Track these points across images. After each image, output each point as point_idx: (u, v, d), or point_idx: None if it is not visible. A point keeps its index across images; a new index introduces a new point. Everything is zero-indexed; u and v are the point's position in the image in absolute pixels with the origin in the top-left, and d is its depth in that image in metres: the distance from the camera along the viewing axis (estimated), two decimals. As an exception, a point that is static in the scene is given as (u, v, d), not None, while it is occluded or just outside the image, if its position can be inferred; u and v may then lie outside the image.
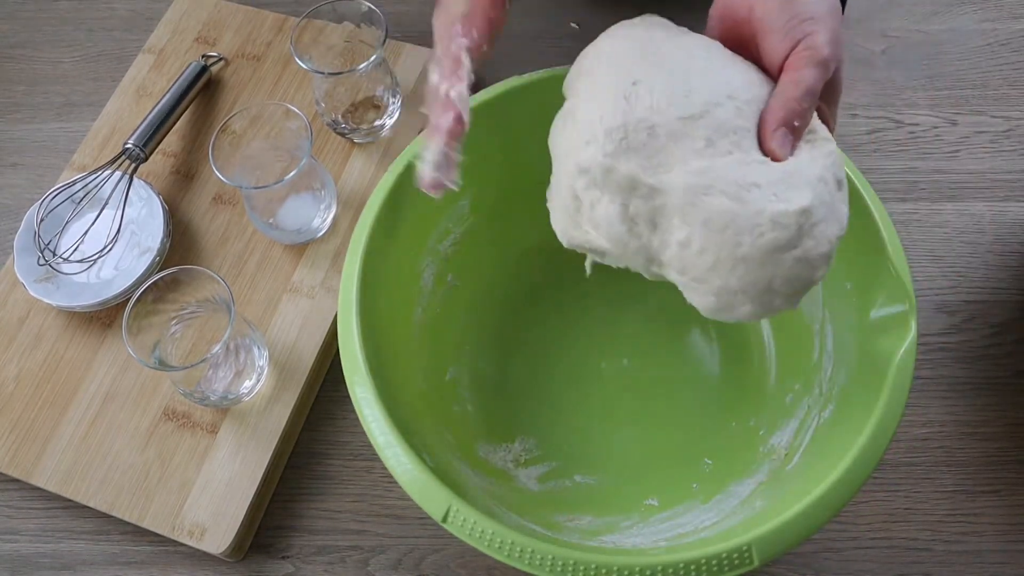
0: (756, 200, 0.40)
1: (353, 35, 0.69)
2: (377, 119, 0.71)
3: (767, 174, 0.41)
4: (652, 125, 0.41)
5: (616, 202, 0.41)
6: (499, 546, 0.43)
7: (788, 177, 0.41)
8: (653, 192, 0.41)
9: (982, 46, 0.79)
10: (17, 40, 0.83)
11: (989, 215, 0.70)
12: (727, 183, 0.40)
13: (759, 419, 0.58)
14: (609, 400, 0.61)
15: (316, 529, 0.60)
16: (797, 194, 0.40)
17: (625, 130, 0.41)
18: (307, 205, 0.66)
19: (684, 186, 0.40)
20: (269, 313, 0.65)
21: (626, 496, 0.57)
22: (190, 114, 0.74)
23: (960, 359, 0.64)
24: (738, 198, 0.40)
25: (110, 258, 0.66)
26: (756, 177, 0.40)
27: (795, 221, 0.40)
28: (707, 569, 0.42)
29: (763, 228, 0.40)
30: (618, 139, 0.41)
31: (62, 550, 0.60)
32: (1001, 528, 0.58)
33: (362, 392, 0.48)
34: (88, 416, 0.61)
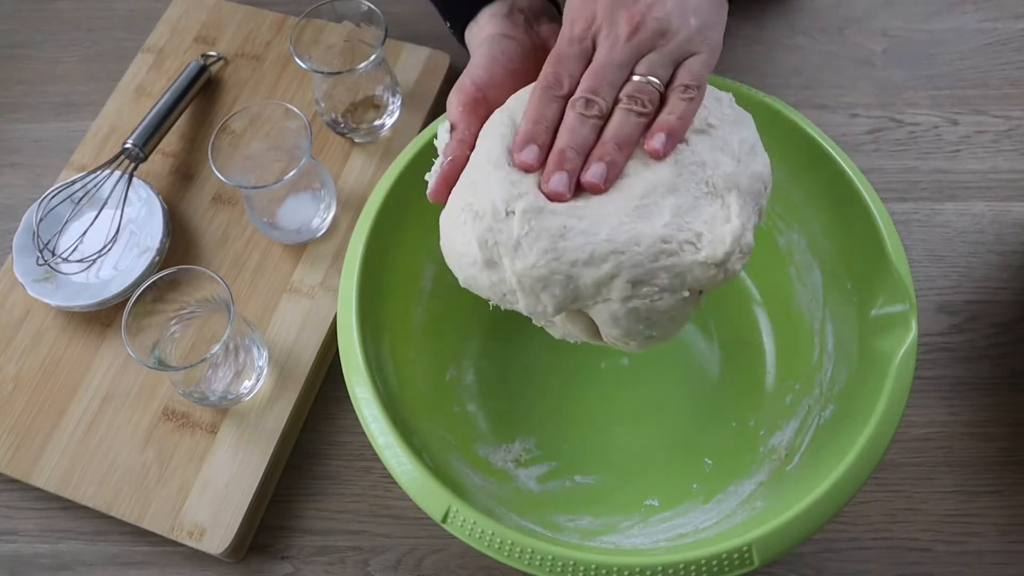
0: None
1: (353, 35, 0.69)
2: (377, 119, 0.71)
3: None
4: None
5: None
6: (499, 546, 0.43)
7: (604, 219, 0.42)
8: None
9: (983, 45, 0.78)
10: (17, 40, 0.83)
11: (990, 215, 0.70)
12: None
13: (759, 419, 0.58)
14: (609, 400, 0.61)
15: (316, 529, 0.60)
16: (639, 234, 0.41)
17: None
18: (307, 205, 0.66)
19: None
20: (269, 313, 0.65)
21: (626, 496, 0.57)
22: (189, 114, 0.74)
23: (961, 359, 0.64)
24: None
25: (109, 258, 0.66)
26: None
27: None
28: (707, 569, 0.42)
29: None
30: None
31: (61, 550, 0.60)
32: (1002, 528, 0.58)
33: (362, 392, 0.48)
34: (87, 416, 0.61)
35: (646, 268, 0.40)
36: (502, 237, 0.41)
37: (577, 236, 0.41)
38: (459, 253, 0.44)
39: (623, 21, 0.42)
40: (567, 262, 0.40)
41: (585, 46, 0.43)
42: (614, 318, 0.42)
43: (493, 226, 0.41)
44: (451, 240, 0.44)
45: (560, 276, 0.41)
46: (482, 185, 0.43)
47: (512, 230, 0.41)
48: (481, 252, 0.42)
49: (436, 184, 0.45)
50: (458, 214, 0.43)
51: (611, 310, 0.41)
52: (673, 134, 0.42)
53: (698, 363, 0.62)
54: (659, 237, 0.41)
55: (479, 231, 0.42)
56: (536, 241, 0.41)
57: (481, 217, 0.42)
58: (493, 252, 0.42)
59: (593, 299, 0.41)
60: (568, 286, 0.41)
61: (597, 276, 0.40)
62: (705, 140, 0.44)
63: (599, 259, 0.40)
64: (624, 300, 0.41)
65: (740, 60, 0.77)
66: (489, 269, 0.42)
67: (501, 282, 0.42)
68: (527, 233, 0.41)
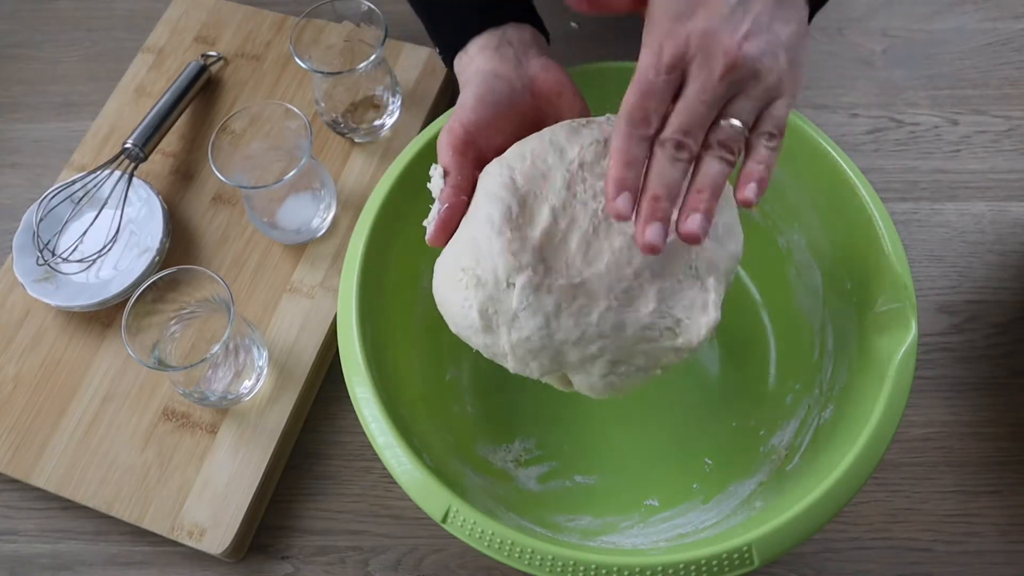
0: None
1: (353, 34, 0.69)
2: (377, 119, 0.71)
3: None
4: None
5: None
6: (499, 546, 0.43)
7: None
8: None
9: (983, 45, 0.78)
10: (17, 40, 0.83)
11: (990, 215, 0.70)
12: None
13: (759, 419, 0.58)
14: (609, 400, 0.61)
15: (316, 529, 0.60)
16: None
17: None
18: (307, 205, 0.66)
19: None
20: (269, 313, 0.65)
21: (626, 496, 0.57)
22: (189, 114, 0.74)
23: (961, 359, 0.64)
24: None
25: (109, 258, 0.66)
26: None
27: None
28: (707, 569, 0.42)
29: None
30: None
31: (61, 550, 0.60)
32: (1002, 528, 0.58)
33: (362, 392, 0.48)
34: (87, 416, 0.61)
35: (627, 351, 0.43)
36: (501, 307, 0.43)
37: (569, 317, 0.42)
38: (456, 312, 0.45)
39: (719, 54, 0.39)
40: (559, 340, 0.43)
41: (674, 77, 0.39)
42: (590, 386, 0.45)
43: (494, 295, 0.43)
44: (448, 298, 0.45)
45: (550, 351, 0.43)
46: (485, 252, 0.43)
47: (512, 302, 0.42)
48: (480, 319, 0.43)
49: (435, 230, 0.46)
50: (457, 274, 0.44)
51: (589, 381, 0.44)
52: (763, 184, 0.40)
53: (698, 363, 0.62)
54: (643, 325, 0.42)
55: (480, 299, 0.43)
56: (533, 316, 0.42)
57: (483, 285, 0.43)
58: (492, 320, 0.43)
59: (575, 370, 0.44)
60: (556, 359, 0.43)
61: (583, 355, 0.43)
62: None
63: (587, 341, 0.42)
64: (603, 376, 0.43)
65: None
66: (485, 333, 0.44)
67: (495, 345, 0.44)
68: (524, 308, 0.42)
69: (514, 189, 0.44)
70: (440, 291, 0.46)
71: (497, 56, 0.51)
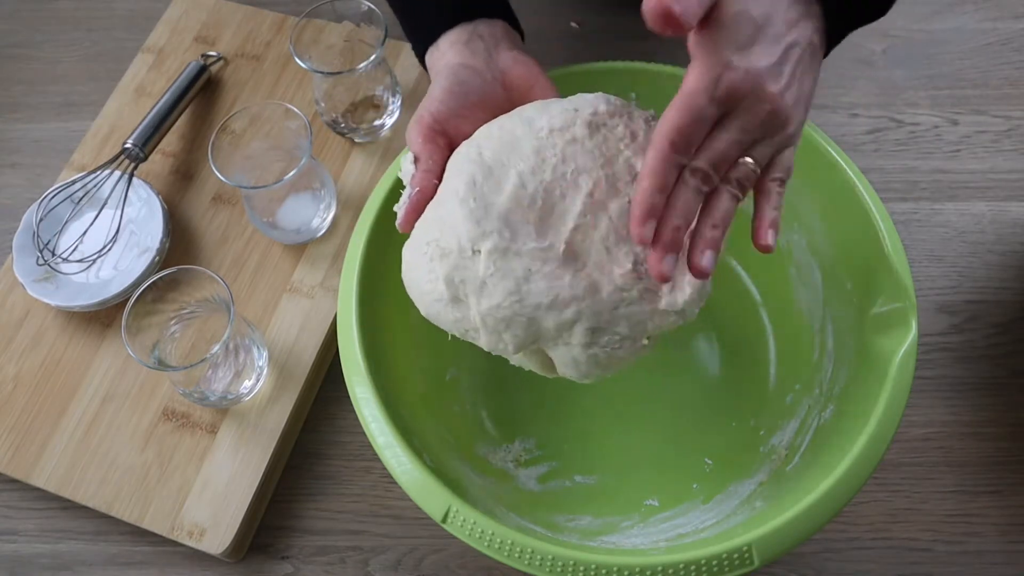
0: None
1: (353, 34, 0.69)
2: (377, 119, 0.71)
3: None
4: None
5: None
6: (499, 546, 0.43)
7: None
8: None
9: (983, 45, 0.78)
10: (17, 40, 0.83)
11: (990, 215, 0.70)
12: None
13: (759, 419, 0.58)
14: (609, 400, 0.61)
15: (316, 529, 0.60)
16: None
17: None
18: (307, 205, 0.66)
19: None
20: (269, 313, 0.65)
21: (626, 496, 0.57)
22: (189, 114, 0.74)
23: (961, 359, 0.64)
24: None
25: (109, 258, 0.66)
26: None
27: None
28: (707, 569, 0.42)
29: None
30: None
31: (61, 550, 0.60)
32: (1002, 528, 0.58)
33: (362, 392, 0.48)
34: (87, 416, 0.61)
35: (606, 316, 0.41)
36: (468, 275, 0.42)
37: (541, 280, 0.41)
38: (423, 289, 0.44)
39: (766, 99, 0.39)
40: (530, 305, 0.41)
41: (721, 110, 0.39)
42: (575, 362, 0.43)
43: (459, 264, 0.42)
44: (415, 274, 0.45)
45: (523, 318, 0.41)
46: (449, 222, 0.43)
47: (478, 269, 0.41)
48: (447, 289, 0.42)
49: (405, 214, 0.45)
50: (423, 248, 0.44)
51: (572, 354, 0.42)
52: (777, 229, 0.41)
53: (698, 363, 0.62)
54: (619, 286, 0.41)
55: (446, 269, 0.42)
56: (501, 281, 0.41)
57: (447, 255, 0.42)
58: (459, 290, 0.42)
59: (554, 341, 0.42)
60: (530, 328, 0.42)
61: (559, 320, 0.41)
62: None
63: (561, 304, 0.41)
64: (584, 347, 0.42)
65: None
66: (454, 306, 0.43)
67: (464, 319, 0.43)
68: (492, 274, 0.41)
69: (480, 161, 0.44)
70: (408, 273, 0.46)
71: (467, 50, 0.51)
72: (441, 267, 0.42)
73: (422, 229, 0.45)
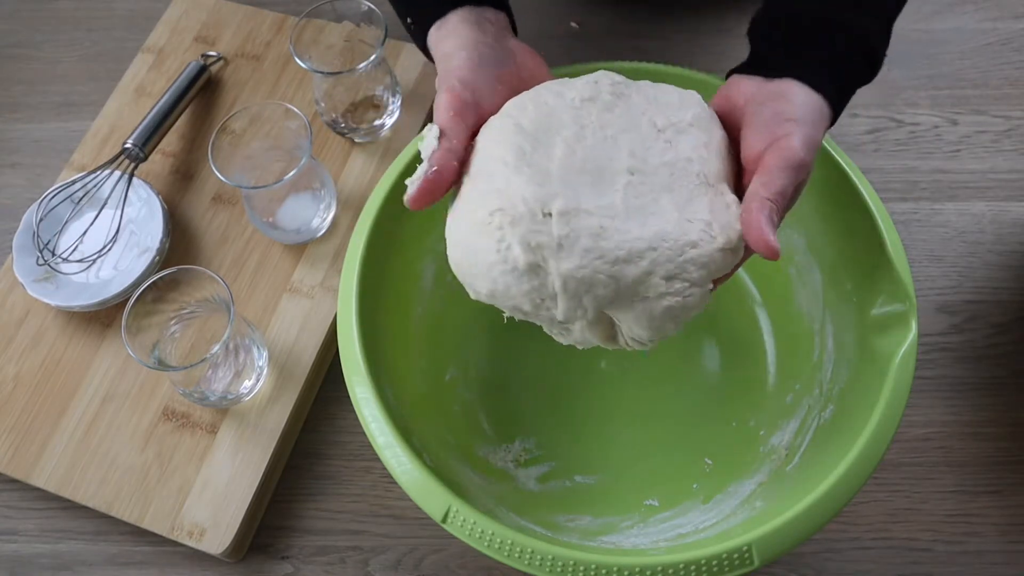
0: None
1: (353, 34, 0.69)
2: (377, 119, 0.71)
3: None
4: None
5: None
6: (499, 546, 0.43)
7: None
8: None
9: (983, 45, 0.78)
10: (16, 39, 0.83)
11: (990, 215, 0.70)
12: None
13: (759, 419, 0.58)
14: (609, 400, 0.61)
15: (316, 529, 0.60)
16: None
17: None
18: (307, 205, 0.66)
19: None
20: (269, 313, 0.65)
21: (626, 496, 0.57)
22: (189, 114, 0.74)
23: (961, 359, 0.64)
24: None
25: (109, 258, 0.66)
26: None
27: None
28: (707, 569, 0.42)
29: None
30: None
31: (61, 550, 0.60)
32: (1002, 528, 0.58)
33: (362, 392, 0.48)
34: (87, 416, 0.61)
35: (676, 262, 0.42)
36: (543, 239, 0.41)
37: (614, 234, 0.41)
38: (491, 261, 0.42)
39: (809, 173, 0.45)
40: (609, 260, 0.41)
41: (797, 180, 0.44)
42: (650, 318, 0.42)
43: (533, 228, 0.41)
44: (476, 250, 0.42)
45: (603, 276, 0.41)
46: (509, 191, 0.42)
47: (552, 231, 0.41)
48: (525, 255, 0.41)
49: (419, 191, 0.43)
50: (485, 221, 0.42)
51: (648, 309, 0.42)
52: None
53: (698, 363, 0.62)
54: (681, 231, 0.42)
55: (521, 234, 0.41)
56: (577, 241, 0.41)
57: (518, 221, 0.41)
58: (538, 255, 0.41)
59: (631, 299, 0.42)
60: (610, 286, 0.41)
61: (636, 273, 0.41)
62: (687, 139, 0.45)
63: (636, 256, 0.41)
64: (660, 297, 0.42)
65: (740, 60, 0.77)
66: (529, 275, 0.41)
67: (542, 286, 0.41)
68: (567, 234, 0.41)
69: (523, 132, 0.44)
70: (465, 250, 0.43)
71: (479, 30, 0.50)
72: (514, 234, 0.41)
73: (473, 204, 0.43)
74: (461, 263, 0.44)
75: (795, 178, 0.43)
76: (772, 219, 0.41)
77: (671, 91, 0.48)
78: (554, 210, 0.41)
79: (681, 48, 0.79)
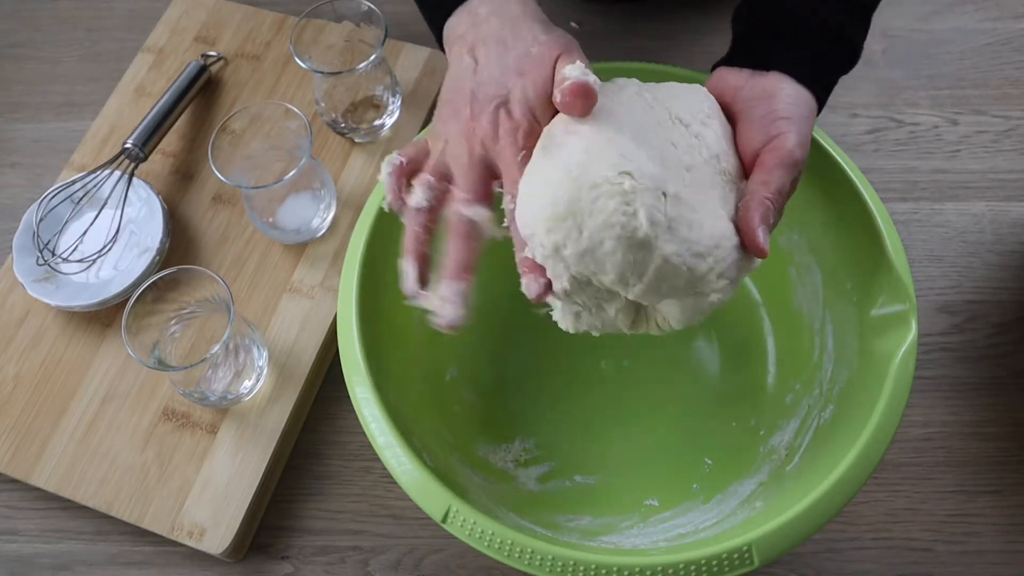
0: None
1: (353, 34, 0.69)
2: (377, 119, 0.71)
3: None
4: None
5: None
6: (499, 546, 0.43)
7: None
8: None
9: (983, 45, 0.78)
10: (16, 39, 0.83)
11: (990, 215, 0.70)
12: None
13: (759, 419, 0.58)
14: (609, 400, 0.61)
15: (316, 529, 0.60)
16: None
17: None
18: (307, 205, 0.66)
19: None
20: (269, 313, 0.65)
21: (626, 496, 0.57)
22: (189, 114, 0.74)
23: (961, 359, 0.64)
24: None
25: (109, 258, 0.66)
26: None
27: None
28: (707, 569, 0.42)
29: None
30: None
31: (61, 550, 0.60)
32: (1002, 528, 0.58)
33: (362, 392, 0.48)
34: (87, 416, 0.61)
35: (728, 262, 0.42)
36: (659, 217, 0.40)
37: (696, 228, 0.42)
38: (601, 221, 0.40)
39: (804, 167, 0.47)
40: (694, 253, 0.41)
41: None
42: (695, 310, 0.44)
43: (655, 204, 0.40)
44: (585, 203, 0.40)
45: (686, 268, 0.41)
46: (639, 160, 0.41)
47: (668, 212, 0.41)
48: (647, 228, 0.40)
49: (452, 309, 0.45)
50: (608, 179, 0.40)
51: (697, 303, 0.43)
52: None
53: (698, 363, 0.62)
54: (732, 231, 0.43)
55: (649, 205, 0.40)
56: (679, 228, 0.41)
57: (646, 191, 0.40)
58: (654, 231, 0.40)
59: (691, 291, 0.43)
60: (687, 277, 0.42)
61: (704, 269, 0.42)
62: (709, 132, 0.45)
63: (707, 252, 0.42)
64: (710, 293, 0.43)
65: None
66: (638, 248, 0.40)
67: (641, 263, 0.40)
68: (676, 217, 0.41)
69: (616, 124, 0.43)
70: (566, 196, 0.40)
71: (508, 6, 0.48)
72: (642, 202, 0.40)
73: (588, 156, 0.41)
74: (551, 210, 0.41)
75: (791, 175, 0.45)
76: (767, 219, 0.43)
77: (678, 87, 0.48)
78: (669, 192, 0.41)
79: (681, 48, 0.79)
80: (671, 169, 0.43)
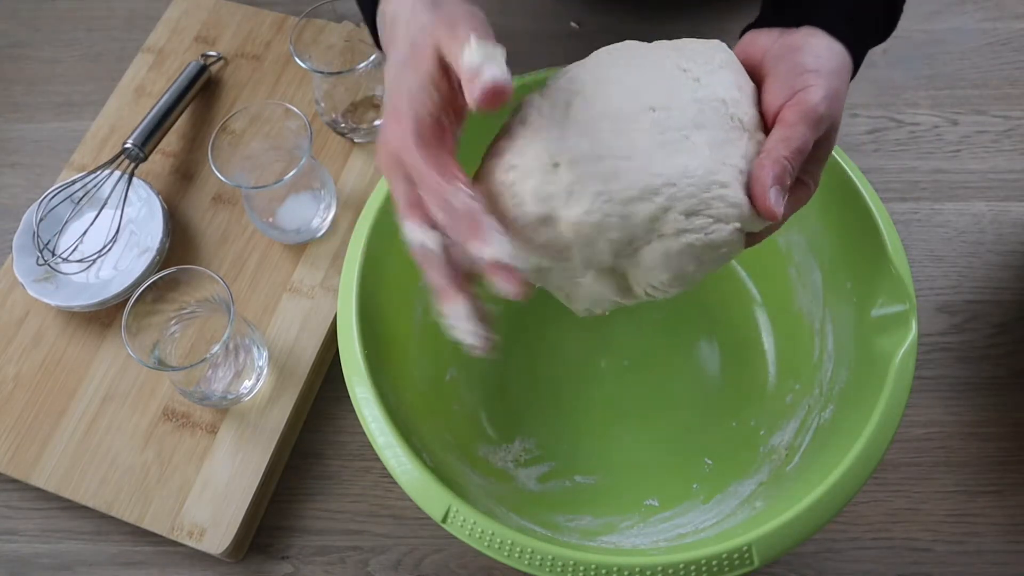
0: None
1: (353, 34, 0.69)
2: (377, 118, 0.71)
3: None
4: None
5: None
6: (499, 546, 0.43)
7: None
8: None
9: (983, 45, 0.78)
10: (16, 39, 0.83)
11: (990, 215, 0.70)
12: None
13: (759, 419, 0.58)
14: (609, 400, 0.61)
15: (316, 529, 0.60)
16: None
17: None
18: (307, 205, 0.66)
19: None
20: (269, 313, 0.65)
21: (626, 496, 0.57)
22: (189, 114, 0.74)
23: (961, 359, 0.64)
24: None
25: (109, 258, 0.66)
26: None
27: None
28: (707, 569, 0.42)
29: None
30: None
31: (61, 550, 0.60)
32: (1002, 528, 0.58)
33: (362, 392, 0.48)
34: (87, 416, 0.61)
35: (700, 198, 0.40)
36: (553, 189, 0.40)
37: (627, 175, 0.40)
38: (508, 218, 0.41)
39: (836, 126, 0.44)
40: (619, 201, 0.40)
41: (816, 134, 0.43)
42: (667, 256, 0.41)
43: (543, 180, 0.40)
44: (498, 206, 0.42)
45: (615, 218, 0.40)
46: (521, 147, 0.42)
47: (562, 180, 0.40)
48: (536, 207, 0.40)
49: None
50: (501, 181, 0.41)
51: (665, 247, 0.41)
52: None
53: (698, 363, 0.62)
54: (709, 169, 0.40)
55: (531, 187, 0.40)
56: (587, 186, 0.40)
57: (529, 175, 0.41)
58: (547, 205, 0.40)
59: (647, 238, 0.41)
60: (624, 227, 0.40)
61: (651, 210, 0.40)
62: (718, 79, 0.43)
63: (651, 192, 0.40)
64: (678, 234, 0.40)
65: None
66: (543, 226, 0.41)
67: (556, 238, 0.41)
68: (577, 179, 0.40)
69: (544, 95, 0.43)
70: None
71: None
72: (526, 188, 0.41)
73: (498, 167, 0.42)
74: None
75: (815, 132, 0.41)
76: (782, 179, 0.40)
77: (694, 41, 0.46)
78: (563, 160, 0.40)
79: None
80: (608, 123, 0.41)
